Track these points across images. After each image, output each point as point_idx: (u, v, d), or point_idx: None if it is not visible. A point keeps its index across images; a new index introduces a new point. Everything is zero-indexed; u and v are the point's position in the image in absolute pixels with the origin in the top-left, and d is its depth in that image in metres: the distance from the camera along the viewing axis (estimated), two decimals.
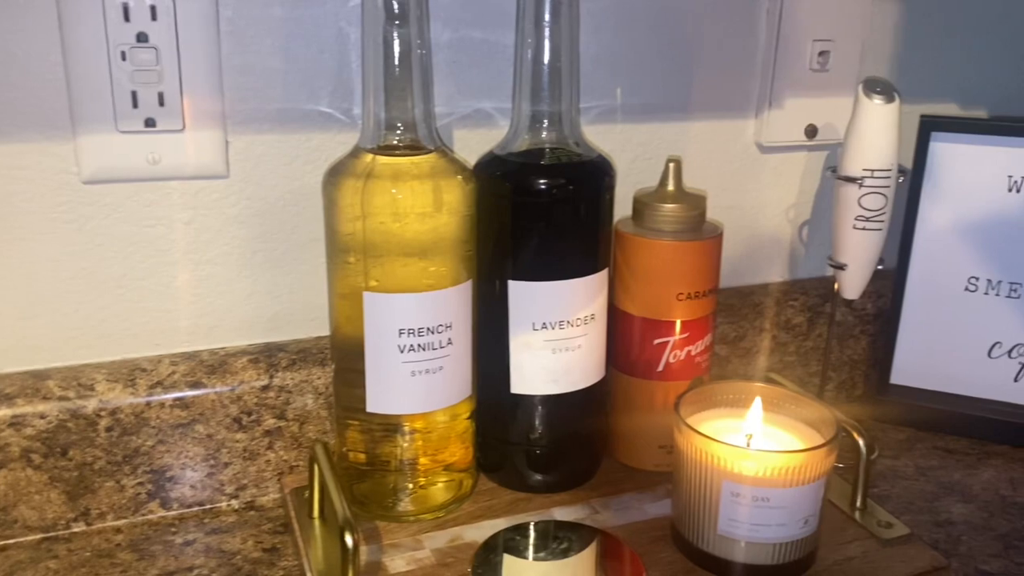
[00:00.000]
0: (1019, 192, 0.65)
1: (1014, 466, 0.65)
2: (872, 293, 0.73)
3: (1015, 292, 0.67)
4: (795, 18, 0.65)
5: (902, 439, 0.69)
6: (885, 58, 0.70)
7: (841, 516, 0.56)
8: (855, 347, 0.74)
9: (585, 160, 0.54)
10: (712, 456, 0.48)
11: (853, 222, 0.61)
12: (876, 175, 0.60)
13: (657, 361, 0.57)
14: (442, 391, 0.52)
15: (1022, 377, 0.68)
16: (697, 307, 0.57)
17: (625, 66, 0.63)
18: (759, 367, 0.71)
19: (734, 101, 0.67)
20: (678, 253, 0.55)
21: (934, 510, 0.59)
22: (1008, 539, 0.56)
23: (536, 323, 0.53)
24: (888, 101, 0.59)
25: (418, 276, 0.50)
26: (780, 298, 0.71)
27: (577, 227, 0.53)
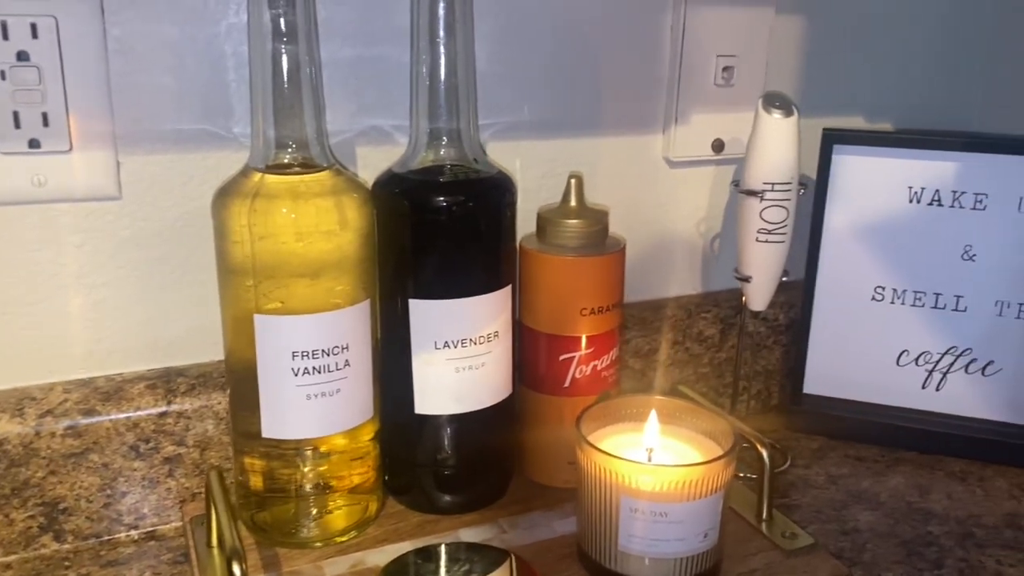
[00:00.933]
0: (920, 203, 0.67)
1: (921, 472, 0.66)
2: (784, 304, 0.74)
3: (920, 301, 0.68)
4: (698, 35, 0.65)
5: (815, 448, 0.69)
6: (790, 73, 0.71)
7: (747, 528, 0.56)
8: (769, 357, 0.75)
9: (484, 177, 0.53)
10: (610, 472, 0.48)
11: (756, 235, 0.62)
12: (777, 188, 0.60)
13: (563, 377, 0.57)
14: (340, 414, 0.51)
15: (930, 384, 0.69)
16: (602, 322, 0.57)
17: (531, 83, 0.63)
18: (673, 379, 0.71)
19: (641, 117, 0.67)
20: (580, 268, 0.55)
21: (842, 519, 0.60)
22: (911, 545, 0.57)
23: (438, 342, 0.53)
24: (787, 115, 0.60)
25: (311, 297, 0.49)
26: (693, 310, 0.71)
27: (478, 244, 0.53)
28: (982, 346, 0.67)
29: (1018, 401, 0.67)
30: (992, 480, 0.65)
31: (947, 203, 0.66)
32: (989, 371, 0.68)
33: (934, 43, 0.76)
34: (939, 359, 0.69)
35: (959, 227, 0.66)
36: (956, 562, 0.56)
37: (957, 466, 0.67)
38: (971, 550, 0.57)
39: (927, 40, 0.76)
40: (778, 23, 0.69)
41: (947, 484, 0.64)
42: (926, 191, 0.66)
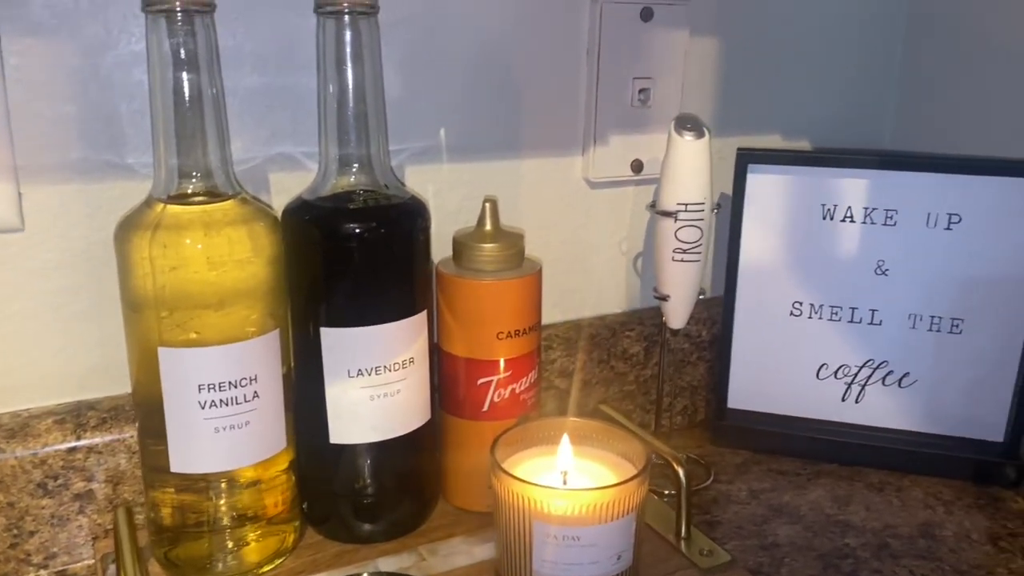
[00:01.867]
0: (833, 219, 0.68)
1: (841, 484, 0.67)
2: (707, 320, 0.75)
3: (836, 315, 0.70)
4: (614, 57, 0.66)
5: (738, 463, 0.70)
6: (706, 93, 0.73)
7: (666, 546, 0.56)
8: (693, 373, 0.76)
9: (396, 203, 0.53)
10: (522, 497, 0.48)
11: (671, 254, 0.63)
12: (690, 209, 0.61)
13: (482, 401, 0.57)
14: (250, 446, 0.51)
15: (849, 397, 0.71)
16: (519, 345, 0.57)
17: (448, 107, 0.63)
18: (599, 398, 0.71)
19: (561, 138, 0.68)
20: (495, 292, 0.55)
21: (761, 533, 0.61)
22: (828, 558, 0.58)
23: (351, 370, 0.52)
24: (698, 137, 0.61)
25: (218, 328, 0.49)
26: (617, 329, 0.72)
27: (389, 270, 0.53)
28: (897, 359, 0.69)
29: (933, 412, 0.69)
30: (909, 490, 0.66)
31: (859, 219, 0.67)
32: (905, 383, 0.69)
33: (847, 64, 0.78)
34: (857, 372, 0.70)
35: (871, 243, 0.67)
36: (870, 574, 0.56)
37: (876, 477, 0.68)
38: (886, 561, 0.58)
39: (840, 61, 0.77)
40: (693, 45, 0.70)
41: (866, 495, 0.66)
42: (839, 208, 0.67)
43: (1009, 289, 0.65)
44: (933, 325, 0.68)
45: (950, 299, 0.67)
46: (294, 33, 0.56)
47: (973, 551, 0.59)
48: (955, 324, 0.67)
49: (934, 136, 0.77)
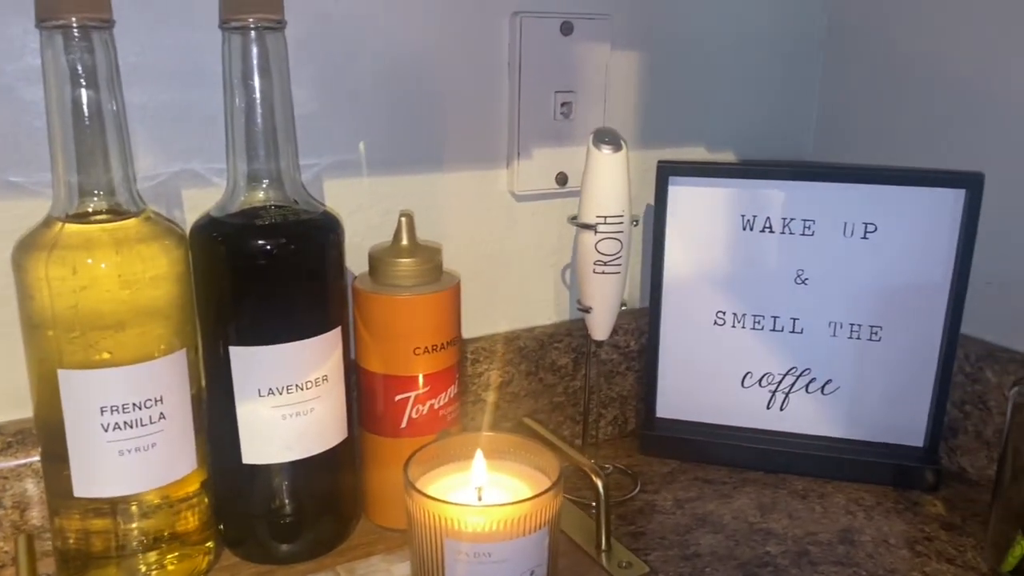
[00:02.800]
0: (753, 230, 0.69)
1: (765, 492, 0.68)
2: (635, 330, 0.75)
3: (759, 324, 0.70)
4: (535, 71, 0.66)
5: (666, 472, 0.71)
6: (629, 107, 0.73)
7: (585, 560, 0.56)
8: (623, 383, 0.76)
9: (305, 218, 0.53)
10: (432, 514, 0.47)
11: (593, 267, 0.63)
12: (609, 221, 0.62)
13: (400, 418, 0.56)
14: (157, 469, 0.49)
15: (773, 404, 0.72)
16: (437, 360, 0.56)
17: (368, 120, 0.63)
18: (527, 411, 0.71)
19: (485, 152, 0.68)
20: (411, 307, 0.55)
21: (684, 543, 0.61)
22: (748, 567, 0.58)
23: (262, 389, 0.52)
24: (616, 151, 0.61)
25: (122, 349, 0.47)
26: (546, 341, 0.72)
27: (300, 287, 0.52)
28: (820, 366, 0.70)
29: (855, 418, 0.70)
30: (832, 496, 0.67)
31: (778, 230, 0.68)
32: (828, 390, 0.70)
33: (769, 77, 0.79)
34: (781, 380, 0.71)
35: (791, 252, 0.68)
36: None
37: (800, 484, 0.69)
38: (804, 568, 0.58)
39: (762, 74, 0.79)
40: (615, 59, 0.70)
41: (789, 503, 0.66)
42: (758, 219, 0.68)
43: (924, 296, 0.66)
44: (853, 333, 0.69)
45: (868, 307, 0.68)
46: (202, 48, 0.55)
47: (890, 556, 0.60)
48: (874, 331, 0.68)
49: (855, 147, 0.79)
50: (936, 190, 0.64)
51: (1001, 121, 0.67)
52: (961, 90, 0.70)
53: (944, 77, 0.71)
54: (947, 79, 0.70)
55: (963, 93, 0.69)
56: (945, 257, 0.65)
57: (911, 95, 0.73)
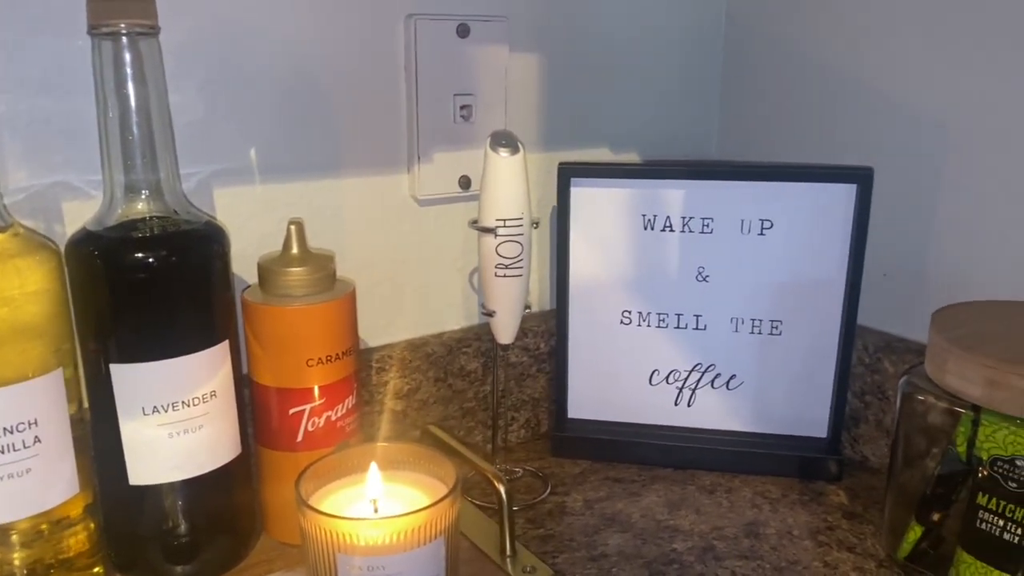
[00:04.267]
0: (654, 229, 0.69)
1: (674, 488, 0.68)
2: (545, 332, 0.75)
3: (663, 322, 0.71)
4: (432, 74, 0.66)
5: (577, 473, 0.71)
6: (532, 108, 0.73)
7: (490, 566, 0.56)
8: (534, 386, 0.76)
9: (187, 229, 0.51)
10: (324, 530, 0.46)
11: (494, 270, 0.62)
12: (509, 224, 0.61)
13: (296, 431, 0.55)
14: (32, 495, 0.47)
15: (681, 401, 0.72)
16: (333, 371, 0.55)
17: (258, 127, 0.61)
18: (436, 417, 0.71)
19: (384, 156, 0.67)
20: (302, 318, 0.54)
21: (592, 544, 0.61)
22: (654, 565, 0.59)
23: (147, 407, 0.50)
24: (513, 153, 0.61)
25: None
26: (454, 346, 0.71)
27: (182, 301, 0.50)
28: (724, 362, 0.71)
29: (760, 411, 0.71)
30: (739, 490, 0.68)
31: (678, 228, 0.69)
32: (733, 385, 0.71)
33: (670, 77, 0.80)
34: (687, 376, 0.72)
35: (691, 251, 0.69)
36: None
37: (708, 479, 0.70)
38: (710, 564, 0.59)
39: (664, 74, 0.79)
40: (515, 61, 0.70)
41: (697, 498, 0.67)
42: (658, 218, 0.69)
43: (821, 290, 0.68)
44: (754, 328, 0.70)
45: (768, 302, 0.69)
46: (72, 55, 0.53)
47: (793, 547, 0.61)
48: (774, 326, 0.69)
49: (757, 145, 0.80)
50: (828, 186, 0.66)
51: (891, 117, 0.69)
52: (854, 87, 0.71)
53: (838, 75, 0.72)
54: (840, 77, 0.72)
55: (856, 90, 0.71)
56: (839, 251, 0.66)
57: (808, 93, 0.75)
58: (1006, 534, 0.51)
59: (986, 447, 0.52)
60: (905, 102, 0.68)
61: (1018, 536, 0.51)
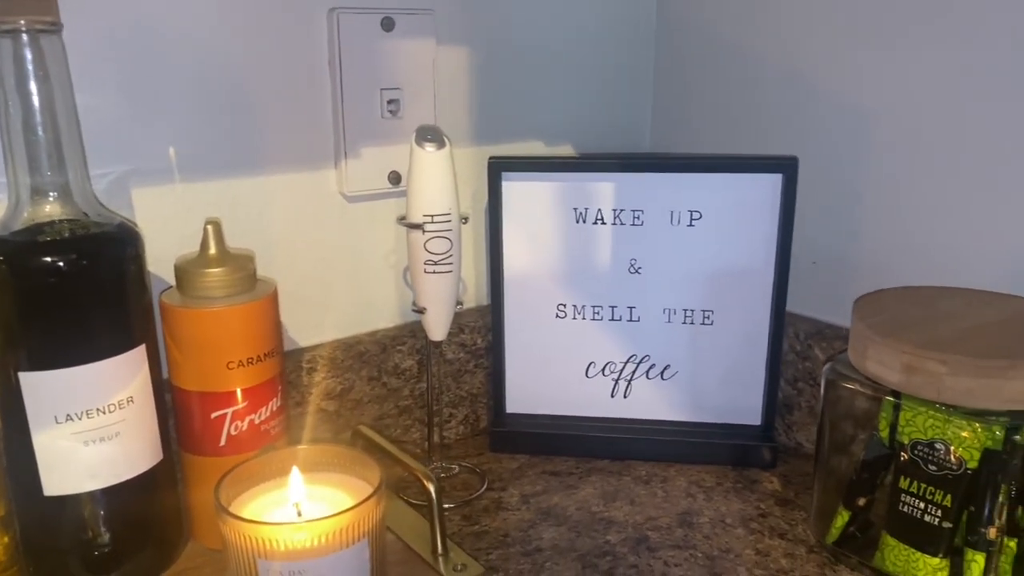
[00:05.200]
0: (586, 222, 0.69)
1: (610, 480, 0.69)
2: (482, 328, 0.75)
3: (598, 315, 0.71)
4: (357, 68, 0.65)
5: (515, 467, 0.71)
6: (463, 103, 0.72)
7: (421, 565, 0.55)
8: (472, 382, 0.76)
9: (97, 232, 0.50)
10: (242, 535, 0.45)
11: (423, 266, 0.62)
12: (436, 220, 0.61)
13: (219, 435, 0.54)
14: None
15: (617, 392, 0.72)
16: (255, 373, 0.54)
17: (177, 125, 0.60)
18: (371, 416, 0.70)
19: (310, 153, 0.66)
20: (222, 320, 0.53)
21: (527, 539, 0.61)
22: (587, 558, 0.59)
23: (59, 415, 0.48)
24: (439, 148, 0.60)
25: None
26: (388, 345, 0.70)
27: (94, 305, 0.49)
28: (658, 352, 0.71)
29: (695, 401, 0.72)
30: (674, 480, 0.69)
31: (609, 221, 0.69)
32: (667, 375, 0.72)
33: (603, 70, 0.80)
34: (623, 368, 0.72)
35: (623, 243, 0.69)
36: (627, 569, 0.58)
37: (644, 469, 0.70)
38: (643, 554, 0.59)
39: (596, 67, 0.79)
40: (444, 54, 0.70)
41: (632, 489, 0.67)
42: (589, 211, 0.69)
43: (751, 279, 0.68)
44: (687, 318, 0.70)
45: (699, 293, 0.69)
46: None
47: (726, 535, 0.61)
48: (706, 316, 0.70)
49: (690, 137, 0.80)
50: (754, 176, 0.66)
51: (818, 107, 0.70)
52: (782, 79, 0.72)
53: (766, 67, 0.73)
54: (769, 69, 0.73)
55: (784, 81, 0.72)
56: (767, 240, 0.67)
57: (738, 85, 0.75)
58: (927, 516, 0.52)
59: (907, 431, 0.53)
60: (831, 92, 0.68)
61: (938, 518, 0.52)
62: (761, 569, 0.57)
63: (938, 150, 0.63)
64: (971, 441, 0.50)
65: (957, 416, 0.50)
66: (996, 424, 0.49)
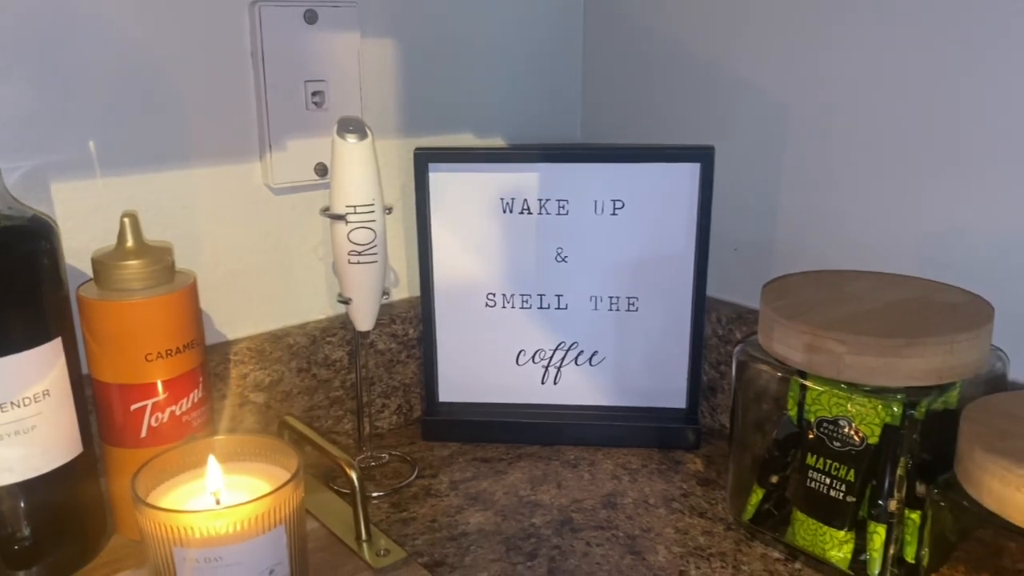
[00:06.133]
0: (512, 212, 0.70)
1: (539, 465, 0.70)
2: (414, 318, 0.76)
3: (527, 303, 0.72)
4: (280, 61, 0.65)
5: (446, 455, 0.72)
6: (390, 95, 0.73)
7: (345, 551, 0.56)
8: (404, 372, 0.76)
9: (8, 225, 0.49)
10: (159, 524, 0.46)
11: (348, 257, 0.62)
12: (360, 211, 0.61)
13: (139, 427, 0.54)
14: None
15: (548, 379, 0.74)
16: (175, 364, 0.54)
17: (96, 119, 0.59)
18: (302, 408, 0.70)
19: (235, 146, 0.66)
20: (139, 312, 0.53)
21: (453, 524, 0.62)
22: (512, 541, 0.60)
23: None
24: (361, 139, 0.61)
25: None
26: (318, 336, 0.71)
27: (7, 298, 0.49)
28: (586, 339, 0.73)
29: (622, 386, 0.73)
30: (601, 463, 0.70)
31: (536, 211, 0.70)
32: (595, 361, 0.73)
33: (532, 60, 0.81)
34: (552, 355, 0.73)
35: (549, 232, 0.70)
36: (549, 550, 0.59)
37: (573, 454, 0.71)
38: (566, 536, 0.61)
39: (525, 58, 0.80)
40: (369, 46, 0.70)
41: (560, 473, 0.69)
42: (516, 201, 0.70)
43: (673, 266, 0.70)
44: (612, 305, 0.72)
45: (624, 280, 0.71)
46: None
47: (648, 515, 0.63)
48: (631, 303, 0.71)
49: (619, 128, 0.82)
50: (673, 165, 0.68)
51: (739, 98, 0.71)
52: (706, 70, 0.73)
53: (691, 58, 0.74)
54: (694, 60, 0.74)
55: (709, 72, 0.73)
56: (687, 228, 0.69)
57: (664, 76, 0.77)
58: (832, 491, 0.54)
59: (813, 410, 0.55)
60: (750, 83, 0.70)
61: (843, 493, 0.54)
62: (679, 547, 0.59)
63: (850, 139, 0.65)
64: (871, 417, 0.52)
65: (858, 394, 0.52)
66: (894, 401, 0.52)
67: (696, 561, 0.58)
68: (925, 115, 0.61)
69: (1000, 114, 0.57)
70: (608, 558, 0.58)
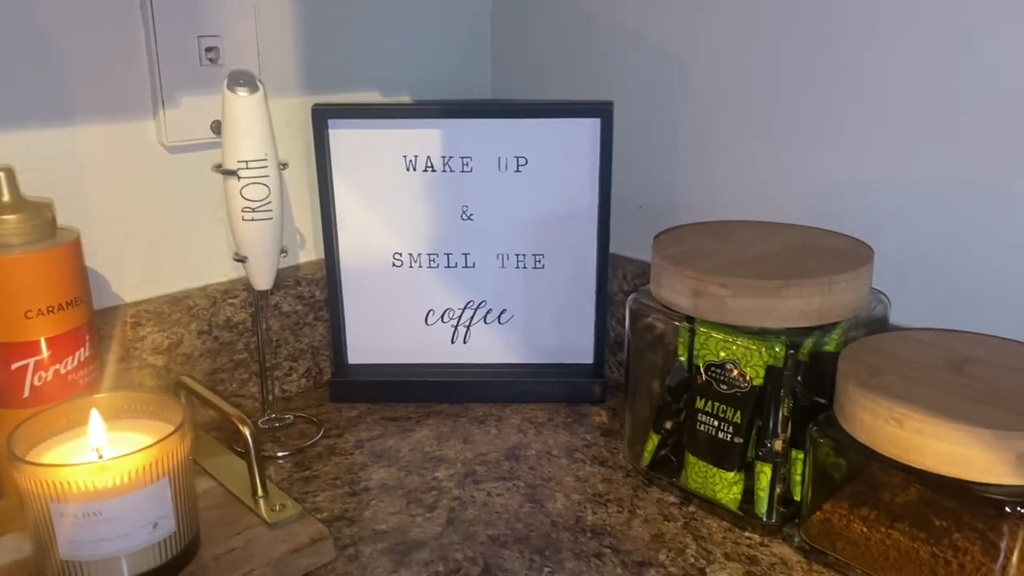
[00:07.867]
0: (416, 170, 0.70)
1: (446, 422, 0.70)
2: (320, 280, 0.75)
3: (434, 262, 0.72)
4: (170, 14, 0.63)
5: (353, 416, 0.71)
6: (290, 51, 0.72)
7: (240, 507, 0.56)
8: (312, 334, 0.76)
9: None
10: (35, 480, 0.45)
11: (241, 214, 0.62)
12: (251, 166, 0.60)
13: (21, 387, 0.53)
14: None
15: (457, 338, 0.74)
16: (59, 322, 0.53)
17: None
18: (204, 371, 0.69)
19: (125, 103, 0.64)
20: (16, 267, 0.51)
21: (355, 481, 0.62)
22: (414, 494, 0.60)
23: None
24: (252, 92, 0.60)
25: None
26: (219, 298, 0.70)
27: None
28: (494, 297, 0.73)
29: (531, 343, 0.74)
30: (508, 419, 0.71)
31: (439, 168, 0.70)
32: (504, 319, 0.73)
33: (439, 18, 0.80)
34: (461, 314, 0.73)
35: (453, 190, 0.70)
36: (450, 501, 0.59)
37: (481, 411, 0.72)
38: (468, 487, 0.61)
39: (431, 15, 0.80)
40: (268, 2, 0.69)
41: (467, 429, 0.69)
42: (419, 159, 0.70)
43: (576, 222, 0.70)
44: (519, 263, 0.72)
45: (529, 237, 0.71)
46: None
47: (550, 465, 0.64)
48: (537, 260, 0.72)
49: (528, 84, 0.82)
50: (574, 120, 0.68)
51: (640, 56, 0.72)
52: (607, 26, 0.74)
53: (595, 14, 0.75)
54: (597, 17, 0.74)
55: (608, 29, 0.74)
56: (590, 184, 0.69)
57: (569, 32, 0.77)
58: (720, 433, 0.56)
59: (701, 354, 0.56)
60: (650, 40, 0.71)
61: (730, 434, 0.55)
62: (578, 494, 0.60)
63: (746, 95, 0.66)
64: (756, 359, 0.53)
65: (742, 336, 0.54)
66: (777, 342, 0.53)
67: (593, 507, 0.59)
68: (812, 74, 0.62)
69: (878, 73, 0.58)
70: (508, 507, 0.59)
